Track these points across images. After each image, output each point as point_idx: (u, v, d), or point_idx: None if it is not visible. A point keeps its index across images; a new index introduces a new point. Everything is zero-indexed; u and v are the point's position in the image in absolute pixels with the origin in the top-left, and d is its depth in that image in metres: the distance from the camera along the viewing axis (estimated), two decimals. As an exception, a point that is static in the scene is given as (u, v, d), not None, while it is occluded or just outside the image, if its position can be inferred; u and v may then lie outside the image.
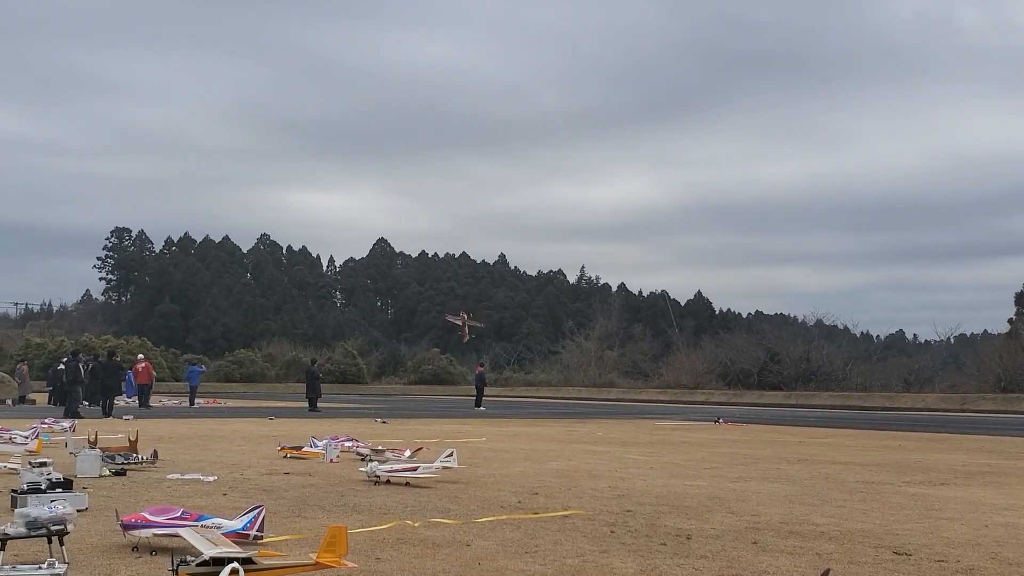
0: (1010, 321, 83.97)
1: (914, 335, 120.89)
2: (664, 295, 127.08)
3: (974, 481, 14.49)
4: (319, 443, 16.80)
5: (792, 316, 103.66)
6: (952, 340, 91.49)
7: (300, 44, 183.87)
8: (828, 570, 6.21)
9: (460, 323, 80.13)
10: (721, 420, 34.59)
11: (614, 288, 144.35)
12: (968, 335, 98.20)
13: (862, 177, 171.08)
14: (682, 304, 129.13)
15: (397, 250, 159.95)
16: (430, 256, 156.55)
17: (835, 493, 12.46)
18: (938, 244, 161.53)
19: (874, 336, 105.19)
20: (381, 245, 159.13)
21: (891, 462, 17.73)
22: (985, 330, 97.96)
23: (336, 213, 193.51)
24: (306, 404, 39.77)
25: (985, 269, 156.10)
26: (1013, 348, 68.48)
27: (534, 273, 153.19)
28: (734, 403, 63.03)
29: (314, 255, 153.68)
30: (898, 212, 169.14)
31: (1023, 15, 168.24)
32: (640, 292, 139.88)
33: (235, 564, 6.01)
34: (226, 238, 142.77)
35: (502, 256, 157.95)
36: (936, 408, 56.08)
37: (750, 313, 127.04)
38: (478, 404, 45.63)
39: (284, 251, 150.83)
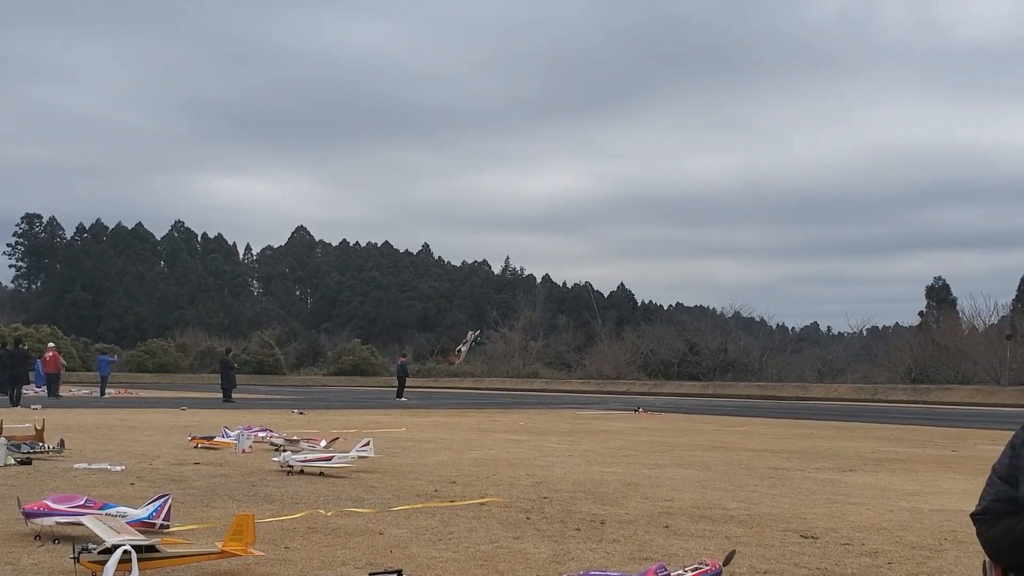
0: (921, 314, 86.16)
1: (828, 327, 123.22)
2: (588, 287, 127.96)
3: (882, 468, 14.78)
4: (231, 433, 16.56)
5: (711, 308, 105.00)
6: (864, 332, 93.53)
7: (222, 26, 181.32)
8: (733, 552, 6.27)
9: (464, 345, 77.20)
10: (641, 409, 34.93)
11: (539, 279, 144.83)
12: (880, 327, 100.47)
13: (784, 172, 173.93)
14: (605, 296, 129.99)
15: (317, 238, 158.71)
16: (351, 245, 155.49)
17: (747, 479, 12.62)
18: (855, 238, 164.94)
19: (789, 328, 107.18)
20: (301, 233, 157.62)
21: (802, 449, 18.03)
22: (897, 323, 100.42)
23: (255, 200, 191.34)
24: (220, 395, 39.25)
25: (899, 263, 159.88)
26: (923, 340, 70.18)
27: (458, 263, 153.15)
28: (654, 393, 63.65)
29: (230, 243, 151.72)
30: (818, 206, 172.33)
31: (944, 13, 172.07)
32: (564, 283, 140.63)
33: (127, 548, 5.88)
34: (139, 225, 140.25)
35: (426, 246, 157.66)
36: (848, 398, 57.22)
37: (671, 305, 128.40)
38: (399, 395, 45.44)
39: (199, 238, 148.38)
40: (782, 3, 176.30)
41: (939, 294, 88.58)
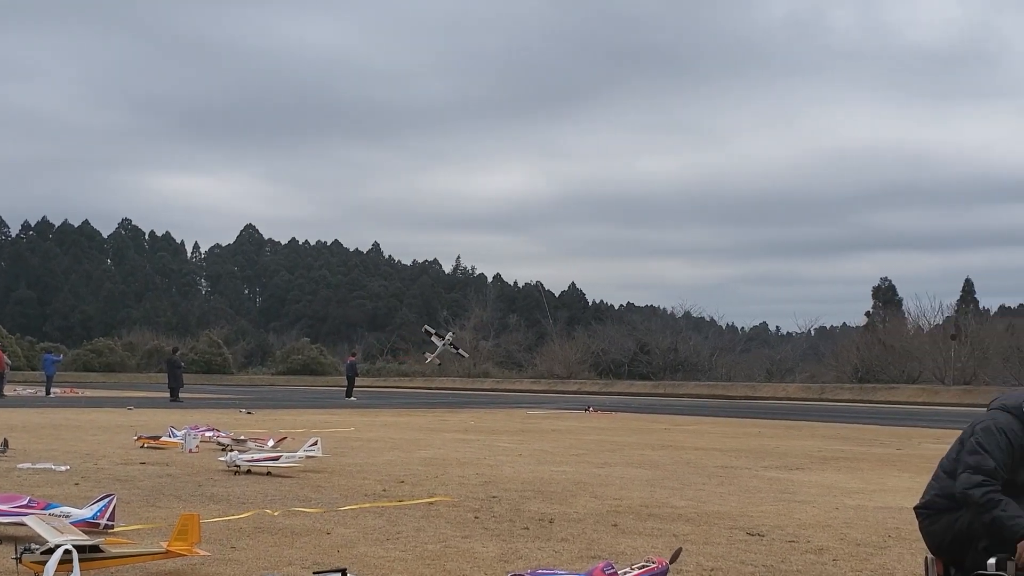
0: (867, 314, 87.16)
1: (777, 327, 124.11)
2: (539, 286, 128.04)
3: (828, 466, 14.94)
4: (178, 433, 16.39)
5: (662, 308, 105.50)
6: (812, 332, 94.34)
7: (172, 22, 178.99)
8: (680, 549, 6.31)
9: (440, 343, 74.24)
10: (591, 409, 35.01)
11: (489, 279, 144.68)
12: (828, 327, 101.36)
13: (734, 173, 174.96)
14: (556, 295, 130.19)
15: (266, 237, 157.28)
16: (301, 243, 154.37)
17: (695, 477, 12.70)
18: (803, 239, 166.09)
19: (739, 328, 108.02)
20: (249, 231, 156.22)
21: (750, 448, 18.18)
22: (844, 323, 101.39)
23: (203, 198, 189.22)
24: (167, 394, 38.83)
25: (846, 263, 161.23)
26: (870, 340, 71.02)
27: (409, 262, 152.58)
28: (605, 392, 63.89)
29: (178, 241, 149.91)
30: (767, 207, 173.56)
31: (892, 16, 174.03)
32: (515, 283, 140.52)
33: (68, 548, 5.80)
34: (86, 222, 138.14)
35: (376, 245, 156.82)
36: (796, 397, 57.78)
37: (622, 305, 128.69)
38: (349, 394, 45.23)
39: (147, 236, 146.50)
40: (732, 5, 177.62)
41: (885, 294, 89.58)
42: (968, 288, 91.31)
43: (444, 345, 68.27)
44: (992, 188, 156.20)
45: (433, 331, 69.75)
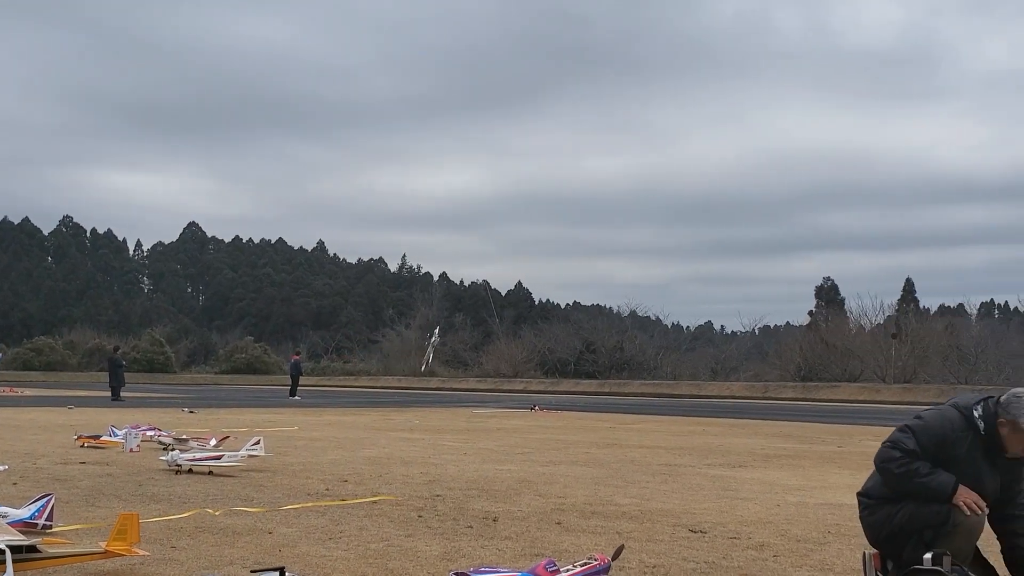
0: (810, 313, 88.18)
1: (722, 326, 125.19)
2: (485, 285, 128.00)
3: (770, 464, 15.09)
4: (119, 432, 16.17)
5: (608, 307, 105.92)
6: (757, 331, 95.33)
7: (113, 18, 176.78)
8: (622, 546, 6.33)
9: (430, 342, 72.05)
10: (537, 407, 35.08)
11: (436, 277, 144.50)
12: (772, 327, 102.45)
13: (681, 173, 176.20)
14: (503, 294, 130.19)
15: (209, 234, 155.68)
16: (244, 241, 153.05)
17: (639, 475, 12.77)
18: (748, 239, 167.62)
19: (684, 327, 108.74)
20: (192, 229, 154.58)
21: (694, 446, 18.31)
22: (788, 322, 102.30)
23: (145, 195, 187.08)
24: (109, 393, 38.32)
25: (790, 263, 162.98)
26: (812, 339, 71.90)
27: (354, 261, 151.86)
28: (551, 391, 64.06)
29: (120, 239, 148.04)
30: (713, 207, 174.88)
31: (837, 18, 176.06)
32: (462, 282, 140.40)
33: (2, 547, 5.71)
34: (26, 220, 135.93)
35: (321, 243, 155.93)
36: (740, 396, 58.33)
37: (568, 304, 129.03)
38: (293, 393, 44.97)
39: (88, 234, 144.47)
40: (680, 5, 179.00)
41: (828, 294, 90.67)
42: (909, 288, 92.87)
43: (432, 345, 67.51)
44: (933, 189, 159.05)
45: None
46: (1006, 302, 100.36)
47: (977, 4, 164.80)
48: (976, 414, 5.61)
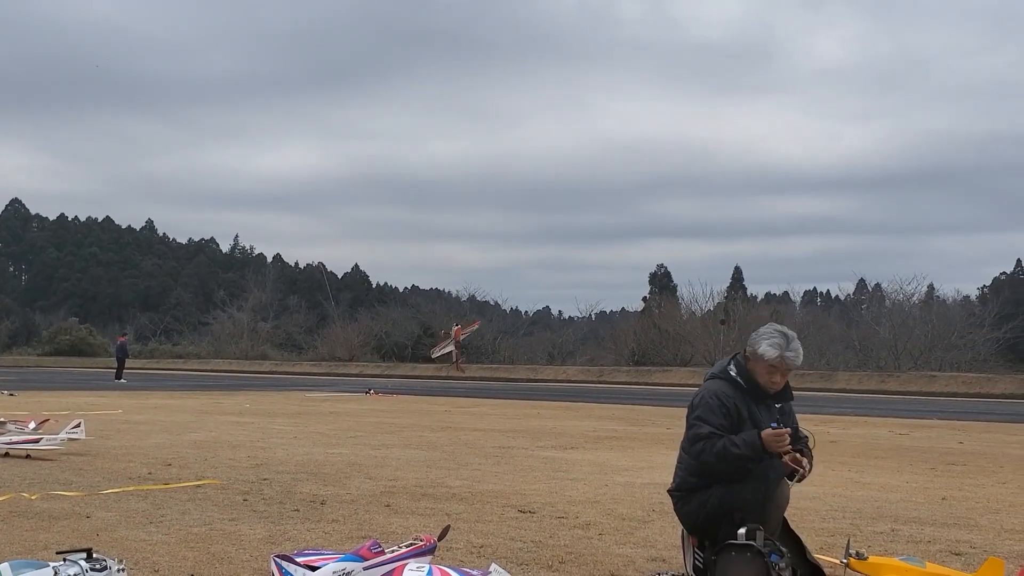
0: (644, 299, 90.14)
1: (559, 311, 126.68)
2: (321, 267, 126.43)
3: (601, 445, 15.35)
4: (-72, 415, 15.33)
5: (447, 291, 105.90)
6: (593, 316, 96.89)
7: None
8: (448, 527, 6.32)
9: (453, 340, 66.54)
10: (372, 391, 34.87)
11: (269, 259, 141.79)
12: (608, 312, 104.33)
13: (521, 158, 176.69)
14: (339, 277, 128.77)
15: (33, 212, 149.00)
16: (70, 220, 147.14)
17: (472, 458, 12.80)
18: (587, 225, 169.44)
19: (522, 312, 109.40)
20: (15, 206, 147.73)
21: (528, 429, 18.48)
22: (623, 307, 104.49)
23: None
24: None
25: (626, 250, 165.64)
26: (646, 324, 73.61)
27: (184, 241, 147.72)
28: (388, 375, 63.72)
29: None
30: (553, 193, 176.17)
31: (678, 11, 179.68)
32: (296, 264, 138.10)
33: None
34: None
35: (150, 222, 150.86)
36: (576, 380, 59.21)
37: (406, 287, 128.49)
38: (119, 376, 43.55)
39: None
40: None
41: (661, 281, 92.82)
42: (737, 276, 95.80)
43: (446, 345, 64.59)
44: (764, 181, 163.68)
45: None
46: (828, 290, 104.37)
47: (810, 1, 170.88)
48: (732, 372, 5.89)
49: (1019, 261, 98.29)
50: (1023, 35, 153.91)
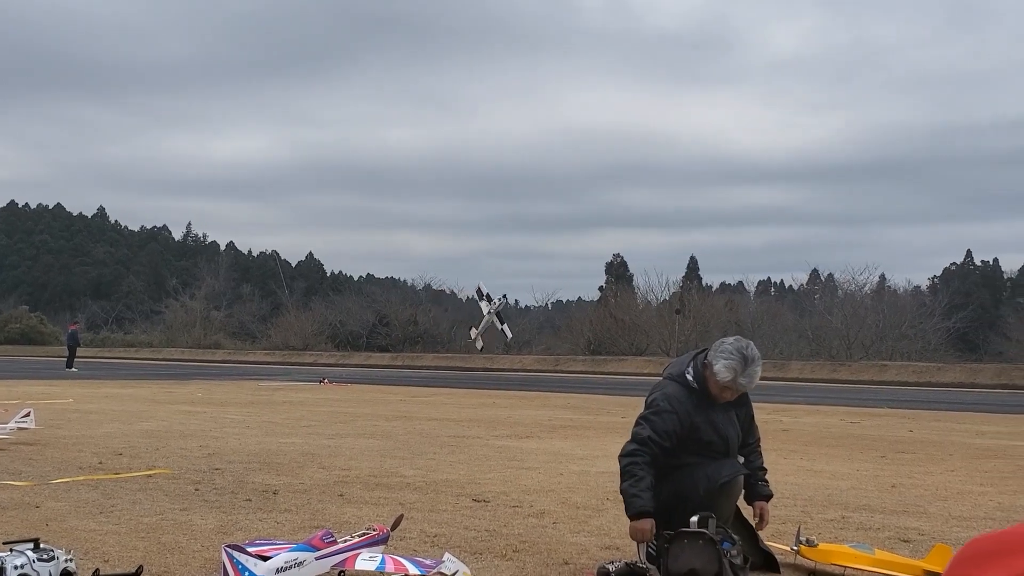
0: (601, 289, 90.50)
1: (516, 300, 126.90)
2: (275, 255, 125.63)
3: (556, 434, 15.39)
4: None
5: (403, 280, 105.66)
6: (550, 306, 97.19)
7: None
8: (401, 516, 6.31)
9: (487, 310, 62.47)
10: (326, 380, 34.72)
11: (223, 247, 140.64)
12: (564, 301, 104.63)
13: (479, 147, 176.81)
14: (293, 265, 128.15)
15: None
16: (20, 206, 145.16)
17: (427, 447, 12.77)
18: (544, 214, 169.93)
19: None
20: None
21: (484, 418, 18.48)
22: (580, 297, 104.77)
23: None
24: None
25: (583, 240, 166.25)
26: (602, 314, 73.95)
27: (137, 228, 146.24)
28: (342, 364, 63.54)
29: None
30: (511, 182, 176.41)
31: (637, 1, 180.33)
32: (250, 252, 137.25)
33: None
34: None
35: (101, 209, 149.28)
36: (532, 368, 59.40)
37: (362, 276, 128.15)
38: (70, 365, 43.11)
39: None
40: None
41: (617, 270, 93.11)
42: (693, 266, 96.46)
43: (489, 314, 62.22)
44: (720, 171, 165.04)
45: (484, 294, 62.95)
46: (781, 280, 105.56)
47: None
48: (689, 377, 5.94)
49: (969, 252, 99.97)
50: (977, 28, 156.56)
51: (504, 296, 67.76)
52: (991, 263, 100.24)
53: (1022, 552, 0.72)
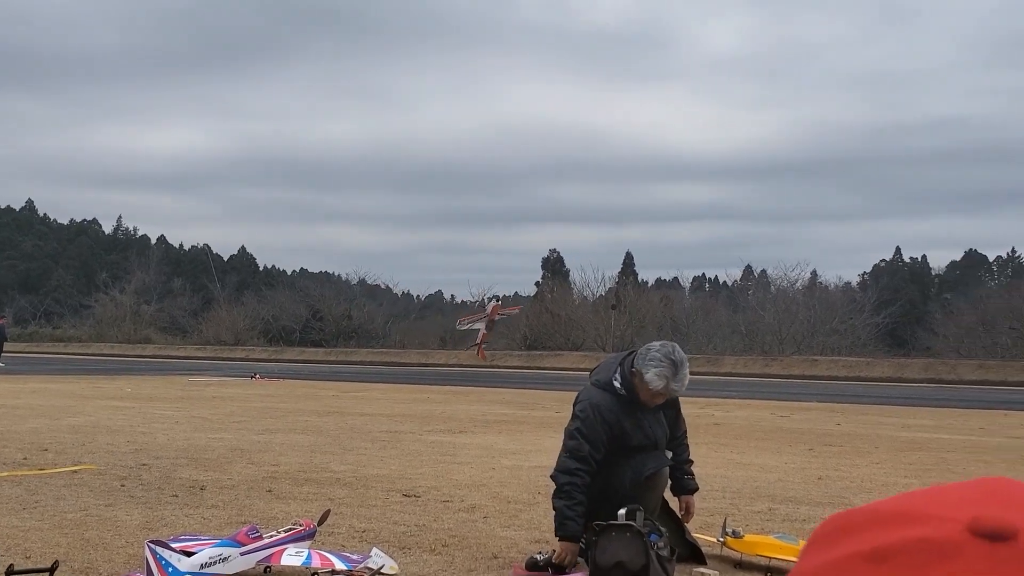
0: (537, 284, 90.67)
1: (452, 295, 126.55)
2: (207, 249, 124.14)
3: (490, 429, 15.38)
4: None
5: (337, 274, 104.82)
6: (486, 301, 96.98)
7: None
8: (328, 511, 6.28)
9: (487, 319, 59.63)
10: (258, 375, 34.37)
11: (153, 240, 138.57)
12: (500, 296, 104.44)
13: (414, 141, 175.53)
14: (225, 259, 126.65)
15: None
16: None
17: (358, 442, 12.70)
18: (480, 209, 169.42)
19: (415, 296, 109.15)
20: None
21: (417, 413, 18.43)
22: (516, 292, 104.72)
23: None
24: None
25: (519, 235, 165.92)
26: (538, 309, 74.09)
27: (66, 221, 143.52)
28: (275, 359, 62.94)
29: None
30: (446, 176, 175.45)
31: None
32: (181, 245, 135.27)
33: None
34: None
35: (30, 202, 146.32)
36: (467, 364, 59.25)
37: (295, 270, 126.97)
38: (-5, 360, 42.23)
39: None
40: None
41: (554, 265, 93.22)
42: (628, 261, 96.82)
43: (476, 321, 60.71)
44: (656, 167, 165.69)
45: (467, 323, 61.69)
46: (716, 276, 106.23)
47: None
48: (617, 384, 5.96)
49: (898, 249, 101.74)
50: (908, 26, 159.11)
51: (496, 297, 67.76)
52: (920, 260, 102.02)
53: (871, 527, 0.73)
